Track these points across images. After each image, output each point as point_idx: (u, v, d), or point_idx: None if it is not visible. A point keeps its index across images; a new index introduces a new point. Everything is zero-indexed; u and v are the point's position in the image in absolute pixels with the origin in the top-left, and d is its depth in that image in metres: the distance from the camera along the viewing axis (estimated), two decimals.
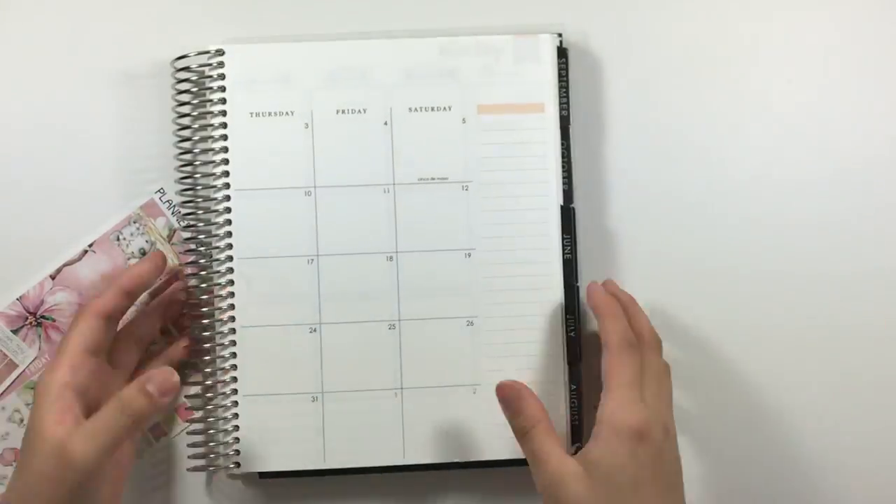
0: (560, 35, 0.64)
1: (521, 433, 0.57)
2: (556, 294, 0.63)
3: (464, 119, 0.62)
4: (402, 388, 0.62)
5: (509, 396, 0.58)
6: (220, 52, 0.62)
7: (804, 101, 0.66)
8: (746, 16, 0.67)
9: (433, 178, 0.62)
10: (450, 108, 0.62)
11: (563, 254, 0.63)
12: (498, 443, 0.62)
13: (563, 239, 0.63)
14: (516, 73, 0.62)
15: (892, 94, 0.67)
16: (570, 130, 0.64)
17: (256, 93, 0.62)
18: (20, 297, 0.64)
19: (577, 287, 0.63)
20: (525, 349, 0.63)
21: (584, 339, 0.64)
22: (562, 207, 0.63)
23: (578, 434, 0.63)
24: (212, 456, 0.62)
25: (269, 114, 0.62)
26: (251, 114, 0.62)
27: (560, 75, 0.64)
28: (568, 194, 0.64)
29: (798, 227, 0.66)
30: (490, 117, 0.62)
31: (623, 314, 0.60)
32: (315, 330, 0.62)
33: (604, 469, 0.54)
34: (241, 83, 0.62)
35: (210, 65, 0.62)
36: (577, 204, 0.64)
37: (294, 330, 0.62)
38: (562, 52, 0.64)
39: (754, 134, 0.66)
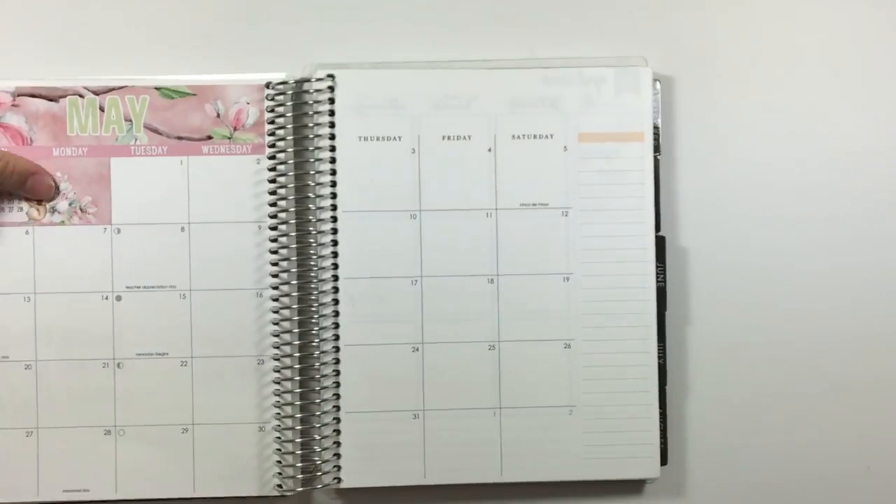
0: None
1: None
2: (650, 320, 0.64)
3: (565, 147, 0.64)
4: (500, 408, 0.64)
5: None
6: (331, 77, 0.64)
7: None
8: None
9: (534, 204, 0.64)
10: (552, 136, 0.64)
11: (657, 281, 0.65)
12: (594, 463, 0.64)
13: (656, 267, 0.65)
14: (616, 103, 0.64)
15: None
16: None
17: (365, 117, 0.64)
18: None
19: (665, 314, 0.65)
20: (619, 373, 0.64)
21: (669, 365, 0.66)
22: (656, 236, 0.65)
23: (665, 456, 0.65)
24: (315, 472, 0.64)
25: (378, 138, 0.64)
26: (360, 138, 0.64)
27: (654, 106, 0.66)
28: (658, 223, 0.65)
29: (881, 245, 0.67)
30: (590, 145, 0.64)
31: None
32: (417, 349, 0.64)
33: None
34: (350, 107, 0.64)
35: (320, 89, 0.64)
36: None
37: (397, 349, 0.64)
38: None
39: (831, 154, 0.67)
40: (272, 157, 0.64)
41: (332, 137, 0.63)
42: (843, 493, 0.67)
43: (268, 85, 0.64)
